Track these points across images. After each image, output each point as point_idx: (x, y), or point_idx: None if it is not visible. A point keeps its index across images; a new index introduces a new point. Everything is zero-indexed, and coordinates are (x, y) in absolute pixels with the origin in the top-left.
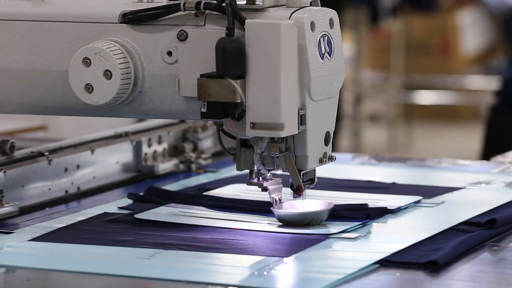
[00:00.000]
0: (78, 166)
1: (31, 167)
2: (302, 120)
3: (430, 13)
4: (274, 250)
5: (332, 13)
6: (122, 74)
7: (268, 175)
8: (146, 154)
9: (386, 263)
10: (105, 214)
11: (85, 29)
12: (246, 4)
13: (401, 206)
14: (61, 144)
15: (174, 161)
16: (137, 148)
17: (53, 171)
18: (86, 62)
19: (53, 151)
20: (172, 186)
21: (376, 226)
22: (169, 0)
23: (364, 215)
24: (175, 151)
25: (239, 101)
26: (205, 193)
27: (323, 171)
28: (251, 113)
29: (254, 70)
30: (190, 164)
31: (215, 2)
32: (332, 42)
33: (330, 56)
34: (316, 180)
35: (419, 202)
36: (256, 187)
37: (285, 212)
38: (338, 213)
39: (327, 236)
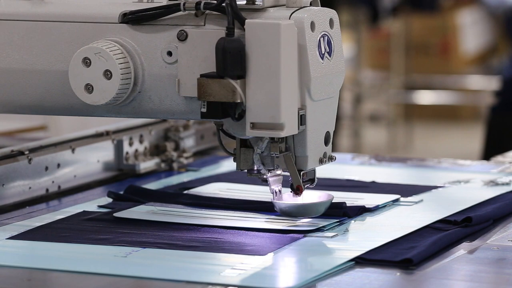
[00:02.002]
0: (58, 165)
1: (11, 165)
2: (302, 120)
3: (430, 13)
4: (252, 246)
5: (332, 13)
6: (122, 74)
7: (268, 175)
8: (127, 153)
9: (361, 260)
10: (84, 212)
11: (85, 29)
12: (246, 4)
13: (379, 205)
14: (42, 143)
15: (156, 160)
16: (118, 147)
17: (33, 170)
18: (86, 62)
19: (33, 150)
20: (153, 185)
21: (354, 224)
22: (169, 0)
23: (341, 213)
24: (156, 150)
25: (239, 101)
26: (185, 192)
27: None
28: (251, 113)
29: (254, 70)
30: (172, 163)
31: (215, 2)
32: (332, 42)
33: (330, 56)
34: (316, 180)
35: (397, 200)
36: (237, 185)
37: (285, 203)
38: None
39: (304, 234)
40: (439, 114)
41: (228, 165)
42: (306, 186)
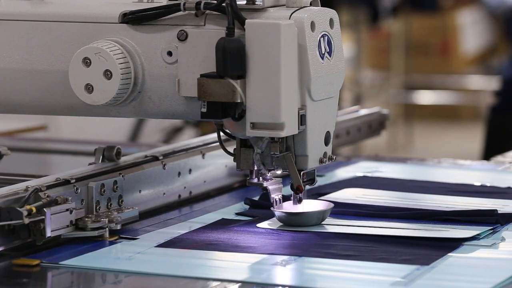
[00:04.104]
0: (190, 170)
1: (147, 171)
2: (302, 120)
3: (430, 13)
4: (411, 256)
5: (332, 13)
6: (122, 74)
7: (268, 175)
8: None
9: None
10: (224, 220)
11: (85, 29)
12: (246, 4)
13: None
14: (173, 147)
15: None
16: None
17: (167, 176)
18: (86, 62)
19: (166, 155)
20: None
21: (508, 233)
22: (169, 0)
23: (494, 221)
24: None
25: (239, 101)
26: (320, 198)
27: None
28: (251, 113)
29: (254, 70)
30: None
31: (215, 2)
32: (332, 42)
33: (330, 56)
34: (316, 180)
35: None
36: (370, 191)
37: (285, 212)
38: (466, 218)
39: (461, 242)
40: (439, 114)
41: (349, 169)
42: (306, 185)
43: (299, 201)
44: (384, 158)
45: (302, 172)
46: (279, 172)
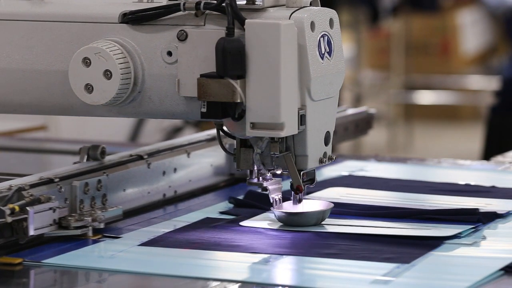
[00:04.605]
0: (175, 170)
1: (132, 170)
2: (302, 120)
3: (430, 13)
4: (392, 254)
5: (332, 13)
6: (122, 74)
7: (268, 175)
8: None
9: (510, 269)
10: (208, 219)
11: (85, 29)
12: (246, 4)
13: (510, 211)
14: (158, 147)
15: None
16: (230, 151)
17: (152, 175)
18: (86, 62)
19: (151, 154)
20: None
21: (489, 231)
22: (169, 0)
23: (475, 219)
24: None
25: (239, 101)
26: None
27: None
28: (251, 113)
29: (254, 70)
30: None
31: (215, 2)
32: (332, 42)
33: (330, 56)
34: (316, 180)
35: None
36: (355, 190)
37: (284, 212)
38: (448, 217)
39: (442, 241)
40: (439, 114)
41: (334, 168)
42: (306, 185)
43: (299, 201)
44: (384, 158)
45: (302, 172)
46: (279, 172)
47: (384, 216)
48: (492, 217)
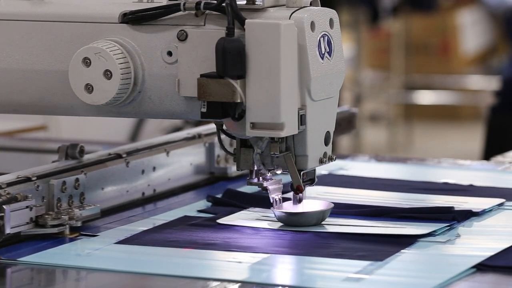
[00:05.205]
0: (154, 168)
1: (110, 169)
2: (302, 120)
3: (430, 13)
4: (365, 252)
5: (332, 13)
6: (122, 74)
7: (268, 175)
8: (218, 156)
9: (482, 267)
10: (186, 217)
11: (85, 29)
12: (246, 4)
13: (485, 209)
14: (137, 145)
15: None
16: (210, 150)
17: (131, 173)
18: (86, 62)
19: (130, 153)
20: (246, 188)
21: (464, 229)
22: (169, 0)
23: (450, 217)
24: None
25: (239, 101)
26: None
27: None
28: (251, 113)
29: (254, 70)
30: None
31: (215, 2)
32: (332, 42)
33: (330, 56)
34: (316, 180)
35: (502, 204)
36: (333, 189)
37: (284, 212)
38: (423, 215)
39: (416, 239)
40: (439, 114)
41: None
42: (306, 185)
43: (299, 201)
44: (384, 158)
45: (302, 172)
46: (279, 172)
47: (359, 215)
48: (467, 215)
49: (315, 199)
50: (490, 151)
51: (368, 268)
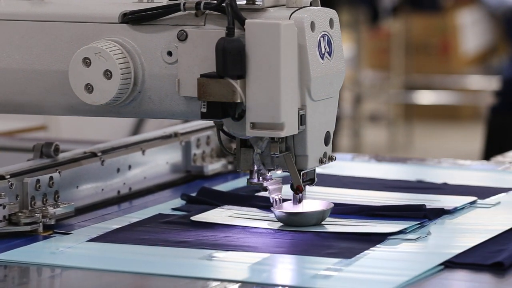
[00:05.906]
0: (129, 167)
1: (85, 167)
2: (302, 120)
3: (431, 13)
4: (337, 249)
5: (332, 13)
6: (122, 74)
7: (268, 175)
8: (195, 154)
9: (450, 264)
10: (160, 215)
11: (85, 29)
12: (246, 4)
13: (457, 207)
14: (113, 144)
15: (223, 161)
16: (186, 149)
17: (106, 172)
18: (86, 62)
19: (105, 152)
20: (222, 187)
21: (435, 227)
22: (169, 0)
23: (421, 215)
24: (222, 151)
25: (239, 101)
26: (256, 194)
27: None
28: (251, 113)
29: (254, 70)
30: None
31: (215, 2)
32: (332, 42)
33: (330, 56)
34: (316, 179)
35: (474, 202)
36: (310, 188)
37: (284, 212)
38: (395, 213)
39: (387, 236)
40: (439, 114)
41: None
42: (305, 185)
43: (299, 201)
44: (384, 158)
45: (302, 172)
46: (279, 172)
47: (331, 213)
48: (439, 213)
49: (314, 199)
50: (490, 151)
51: (337, 265)
